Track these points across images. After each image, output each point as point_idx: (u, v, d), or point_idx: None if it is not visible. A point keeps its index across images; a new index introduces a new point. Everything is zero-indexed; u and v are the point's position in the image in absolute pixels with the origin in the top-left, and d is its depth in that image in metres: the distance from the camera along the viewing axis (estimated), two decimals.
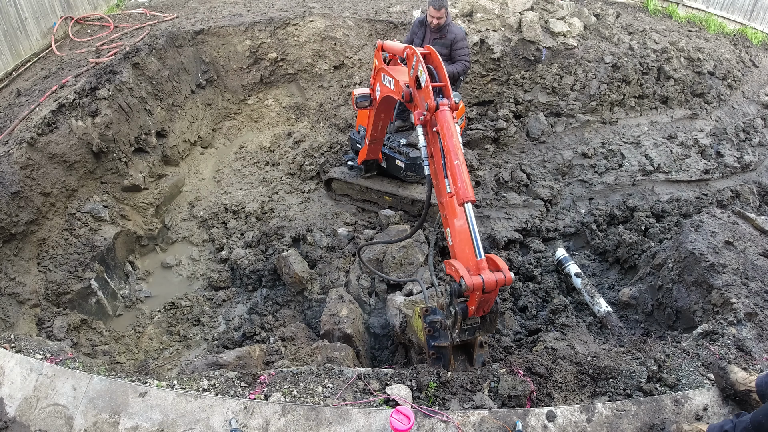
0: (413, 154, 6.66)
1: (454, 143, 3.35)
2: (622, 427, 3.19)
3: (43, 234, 5.87)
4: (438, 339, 3.68)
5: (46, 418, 3.28)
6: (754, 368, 3.66)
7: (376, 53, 5.42)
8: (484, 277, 2.97)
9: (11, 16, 7.61)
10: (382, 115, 5.82)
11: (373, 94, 5.54)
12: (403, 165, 6.78)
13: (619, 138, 8.51)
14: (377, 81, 5.21)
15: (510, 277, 2.99)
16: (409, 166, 6.75)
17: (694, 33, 10.79)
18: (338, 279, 6.38)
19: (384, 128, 6.24)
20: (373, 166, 7.16)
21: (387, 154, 6.92)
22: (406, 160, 6.72)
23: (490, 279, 2.97)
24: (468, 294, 3.02)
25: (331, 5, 9.84)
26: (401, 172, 6.90)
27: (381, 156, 6.96)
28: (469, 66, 6.66)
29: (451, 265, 3.16)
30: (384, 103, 5.42)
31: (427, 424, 3.16)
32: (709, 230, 5.19)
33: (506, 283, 2.99)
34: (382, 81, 5.00)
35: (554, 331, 5.33)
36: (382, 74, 4.94)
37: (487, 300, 3.09)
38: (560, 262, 6.43)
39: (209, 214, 7.53)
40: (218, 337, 5.83)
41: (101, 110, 6.61)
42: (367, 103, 5.69)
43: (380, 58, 5.29)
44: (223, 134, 9.12)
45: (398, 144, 6.83)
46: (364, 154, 6.73)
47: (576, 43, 8.78)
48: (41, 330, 5.32)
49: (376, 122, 5.95)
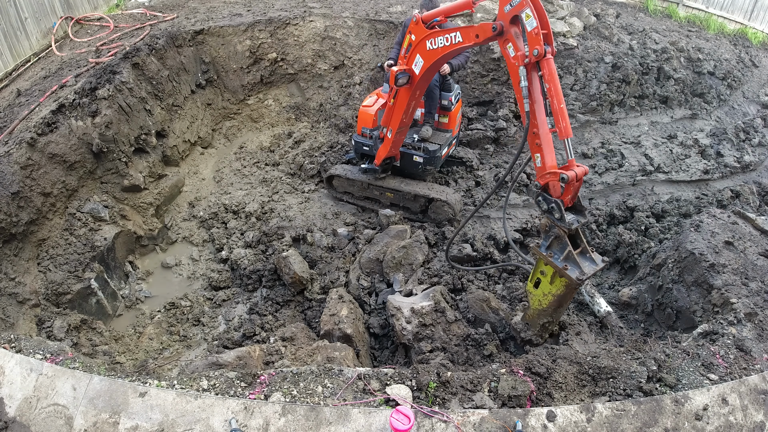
0: (432, 148, 6.65)
1: (559, 90, 3.96)
2: (622, 427, 3.19)
3: (43, 234, 5.87)
4: (558, 254, 4.09)
5: (46, 418, 3.28)
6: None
7: (412, 28, 5.37)
8: (576, 170, 3.95)
9: (11, 16, 7.61)
10: (417, 92, 5.84)
11: (411, 71, 5.52)
12: (421, 160, 6.75)
13: (619, 138, 8.51)
14: (415, 54, 5.36)
15: (587, 168, 4.10)
16: (428, 161, 6.73)
17: (694, 33, 10.79)
18: (338, 279, 6.38)
19: (414, 111, 6.18)
20: (390, 165, 7.08)
21: (402, 152, 6.89)
22: (425, 154, 6.70)
23: (579, 170, 3.97)
24: (566, 186, 3.92)
25: (331, 5, 9.84)
26: (419, 167, 6.86)
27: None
28: (469, 56, 6.72)
29: (547, 175, 4.02)
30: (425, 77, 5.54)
31: (427, 424, 3.16)
32: (709, 230, 5.19)
33: (586, 172, 4.06)
34: (433, 45, 5.13)
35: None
36: (430, 40, 5.14)
37: (576, 188, 4.04)
38: None
39: (209, 214, 7.54)
40: (218, 337, 5.84)
41: (101, 110, 6.61)
42: (406, 80, 5.62)
43: (419, 31, 5.29)
44: (223, 134, 9.12)
45: (412, 140, 6.81)
46: (386, 151, 6.60)
47: (576, 43, 8.78)
48: (41, 330, 5.32)
49: (410, 103, 5.90)
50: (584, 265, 4.01)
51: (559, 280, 4.11)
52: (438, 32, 5.08)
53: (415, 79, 5.58)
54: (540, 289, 4.31)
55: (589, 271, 4.00)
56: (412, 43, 5.41)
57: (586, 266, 4.01)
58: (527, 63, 4.02)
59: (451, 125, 7.06)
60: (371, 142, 6.93)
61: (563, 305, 4.38)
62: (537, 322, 4.56)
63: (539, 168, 4.11)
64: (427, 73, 5.50)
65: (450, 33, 4.93)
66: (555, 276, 4.11)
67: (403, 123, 6.20)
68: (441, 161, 7.04)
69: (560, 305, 4.33)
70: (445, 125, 7.06)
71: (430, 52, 5.23)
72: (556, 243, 4.08)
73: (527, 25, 3.98)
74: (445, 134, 6.99)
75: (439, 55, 5.17)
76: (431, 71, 5.56)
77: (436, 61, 5.28)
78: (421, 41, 5.27)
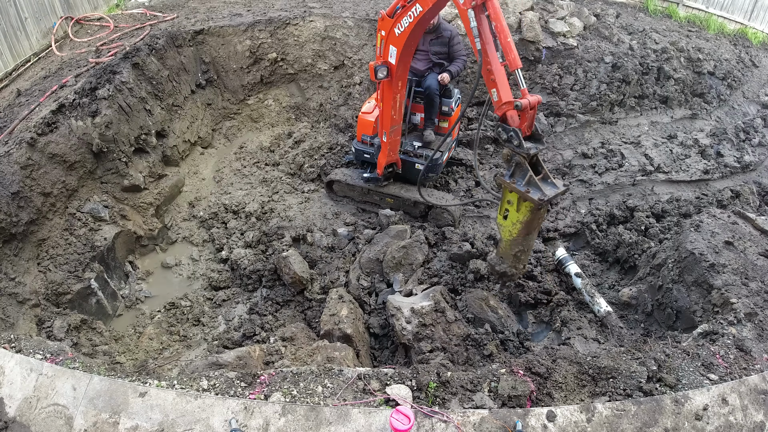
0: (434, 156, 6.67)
1: (505, 26, 4.26)
2: (622, 427, 3.19)
3: (43, 234, 5.87)
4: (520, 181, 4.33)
5: (46, 418, 3.28)
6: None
7: (380, 25, 5.54)
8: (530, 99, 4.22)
9: (11, 16, 7.61)
10: (399, 84, 5.94)
11: (387, 62, 5.67)
12: (423, 167, 6.77)
13: (619, 138, 8.51)
14: (388, 45, 5.56)
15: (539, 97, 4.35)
16: (429, 168, 6.74)
17: (694, 33, 10.79)
18: (338, 279, 6.38)
19: (401, 106, 6.23)
20: (392, 173, 7.08)
21: (403, 159, 6.90)
22: (426, 162, 6.73)
23: (532, 99, 4.24)
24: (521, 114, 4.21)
25: (331, 5, 9.83)
26: (421, 175, 6.89)
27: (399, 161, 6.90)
28: (467, 61, 6.75)
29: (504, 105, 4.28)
30: (401, 65, 5.68)
31: (427, 424, 3.16)
32: (709, 230, 5.19)
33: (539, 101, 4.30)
34: (400, 29, 5.32)
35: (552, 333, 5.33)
36: (396, 26, 5.34)
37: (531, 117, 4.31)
38: (560, 262, 6.43)
39: (209, 214, 7.54)
40: (218, 337, 5.83)
41: (101, 110, 6.61)
42: (385, 72, 5.73)
43: (385, 24, 5.46)
44: (223, 134, 9.12)
45: (413, 147, 6.80)
46: (385, 156, 6.61)
47: (576, 43, 8.78)
48: (41, 330, 5.32)
49: (394, 96, 5.98)
50: (545, 188, 4.28)
51: (524, 206, 4.40)
52: (401, 13, 5.24)
53: (393, 70, 5.70)
54: (509, 220, 4.62)
55: (550, 193, 4.27)
56: (383, 38, 5.57)
57: (547, 189, 4.28)
58: (474, 5, 4.32)
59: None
60: (372, 150, 6.94)
61: (531, 233, 4.71)
62: (510, 253, 4.85)
63: (496, 102, 4.39)
64: (402, 59, 5.65)
65: (411, 8, 5.09)
66: (520, 202, 4.41)
67: (393, 120, 6.23)
68: (442, 167, 7.08)
69: (528, 232, 4.65)
70: (445, 130, 7.10)
71: (399, 37, 5.42)
72: (518, 170, 4.37)
73: None
74: (445, 139, 7.01)
75: (407, 35, 5.32)
76: (406, 56, 5.71)
77: (407, 43, 5.44)
78: (389, 31, 5.44)
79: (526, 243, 4.78)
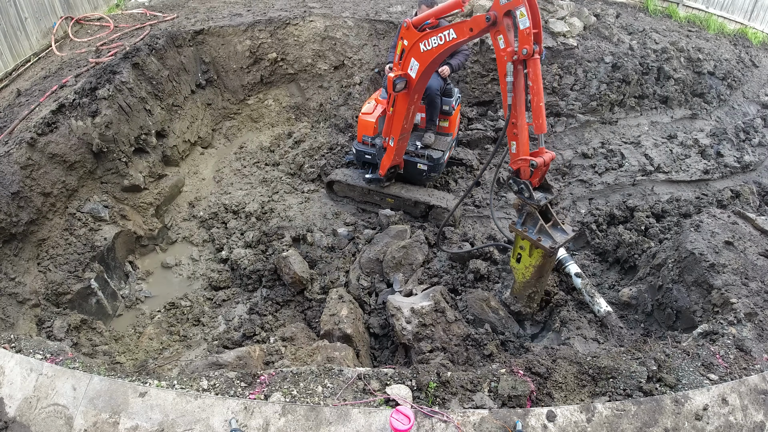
0: (436, 155, 6.67)
1: (540, 89, 4.24)
2: (622, 427, 3.19)
3: (43, 234, 5.87)
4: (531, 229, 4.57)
5: (46, 418, 3.28)
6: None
7: (404, 33, 5.35)
8: (545, 156, 4.38)
9: (11, 16, 7.61)
10: (416, 96, 5.88)
11: (407, 75, 5.52)
12: (426, 167, 6.76)
13: (619, 138, 8.51)
14: (410, 58, 5.40)
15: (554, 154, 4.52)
16: (432, 168, 6.74)
17: (694, 33, 10.79)
18: (338, 279, 6.38)
19: (414, 116, 6.18)
20: (394, 174, 7.06)
21: (405, 160, 6.88)
22: (429, 162, 6.71)
23: (547, 157, 4.40)
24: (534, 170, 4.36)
25: (331, 5, 9.84)
26: (423, 175, 6.87)
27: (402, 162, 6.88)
28: (468, 56, 6.76)
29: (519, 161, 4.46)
30: (422, 80, 5.59)
31: (427, 424, 3.16)
32: (709, 230, 5.19)
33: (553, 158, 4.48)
34: (427, 47, 5.18)
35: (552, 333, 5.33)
36: (423, 42, 5.20)
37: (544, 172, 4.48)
38: (560, 262, 6.42)
39: (209, 214, 7.53)
40: (218, 337, 5.83)
41: (101, 110, 6.61)
42: (403, 85, 5.60)
43: (411, 35, 5.29)
44: (223, 134, 9.12)
45: (415, 147, 6.80)
46: (390, 160, 6.56)
47: (576, 43, 8.78)
48: (41, 330, 5.32)
49: (409, 107, 5.88)
50: (556, 235, 4.53)
51: (536, 252, 4.65)
52: (430, 33, 5.09)
53: (412, 84, 5.57)
54: (522, 263, 4.87)
55: (561, 239, 4.50)
56: (405, 48, 5.40)
57: (557, 236, 4.53)
58: (515, 59, 4.20)
59: (451, 128, 7.13)
60: (373, 150, 6.93)
61: (544, 275, 4.96)
62: (523, 294, 5.15)
63: (513, 154, 4.53)
64: (423, 75, 5.51)
65: (443, 31, 4.97)
66: (532, 248, 4.65)
67: (404, 129, 6.18)
68: (443, 167, 7.08)
69: (541, 275, 4.90)
70: (445, 129, 7.11)
71: (424, 54, 5.25)
72: (530, 219, 4.59)
73: (520, 23, 4.12)
74: (446, 138, 7.02)
75: (434, 55, 5.19)
76: (428, 73, 5.56)
77: (432, 61, 5.29)
78: (414, 45, 5.28)
79: (539, 285, 5.06)
